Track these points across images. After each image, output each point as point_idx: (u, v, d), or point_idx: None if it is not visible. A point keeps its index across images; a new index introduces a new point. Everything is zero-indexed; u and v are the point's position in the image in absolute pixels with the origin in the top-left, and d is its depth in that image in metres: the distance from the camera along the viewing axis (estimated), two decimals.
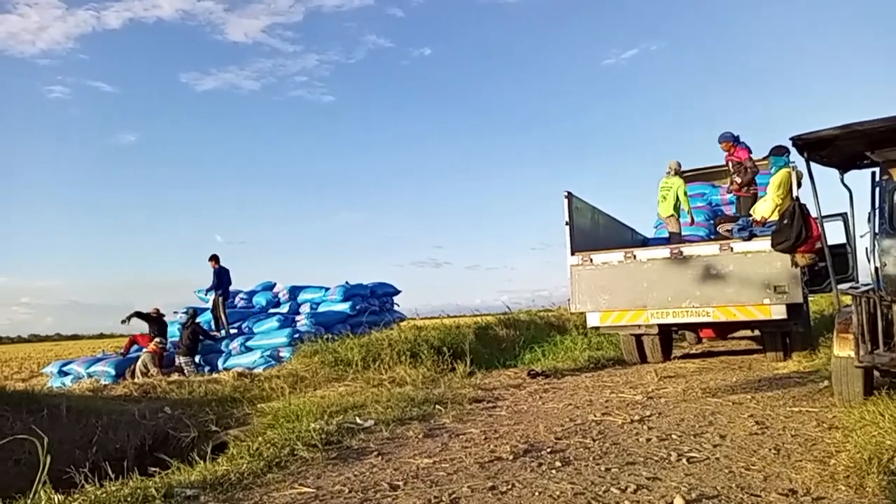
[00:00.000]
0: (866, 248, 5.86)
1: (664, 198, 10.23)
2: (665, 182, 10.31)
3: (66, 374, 12.42)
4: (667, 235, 10.70)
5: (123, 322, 12.66)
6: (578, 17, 70.74)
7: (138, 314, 12.74)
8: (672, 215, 10.17)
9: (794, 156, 7.55)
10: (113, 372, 11.48)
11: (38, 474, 3.54)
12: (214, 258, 13.09)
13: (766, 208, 8.50)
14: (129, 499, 3.44)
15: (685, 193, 10.21)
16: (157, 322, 12.80)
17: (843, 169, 5.85)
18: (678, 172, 10.39)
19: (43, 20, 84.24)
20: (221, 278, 12.98)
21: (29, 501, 3.35)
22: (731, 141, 9.82)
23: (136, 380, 10.22)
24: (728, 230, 8.85)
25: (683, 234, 10.44)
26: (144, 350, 11.58)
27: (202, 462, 4.38)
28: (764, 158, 8.91)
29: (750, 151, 9.73)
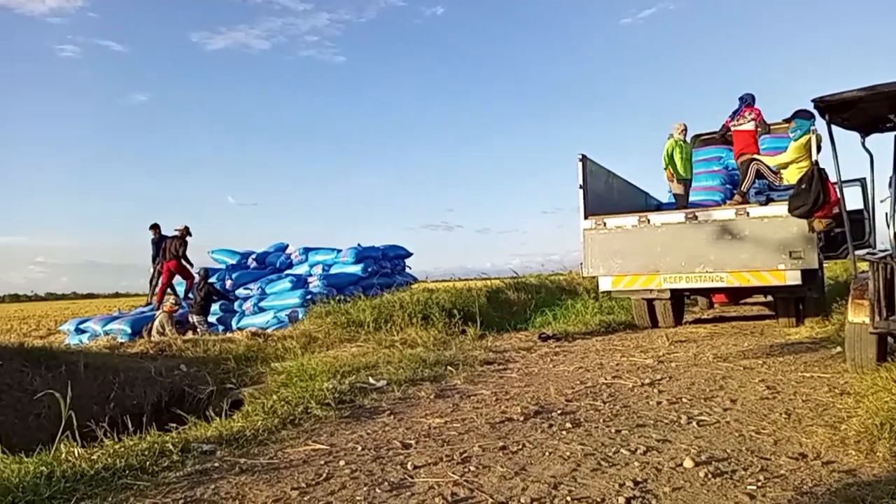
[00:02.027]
0: (886, 214, 5.77)
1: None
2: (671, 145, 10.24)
3: (82, 331, 12.65)
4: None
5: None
6: None
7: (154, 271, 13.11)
8: (682, 179, 10.06)
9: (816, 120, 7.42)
10: (129, 330, 11.69)
11: (60, 428, 3.63)
12: (155, 227, 13.56)
13: (781, 159, 8.46)
14: (147, 452, 3.51)
15: (683, 154, 10.13)
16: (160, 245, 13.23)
17: (865, 132, 5.72)
18: (683, 133, 10.35)
19: None
20: (158, 247, 13.32)
21: (51, 454, 3.43)
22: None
23: (152, 338, 10.39)
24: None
25: (699, 199, 10.31)
26: (161, 310, 11.74)
27: (218, 418, 4.46)
28: (786, 121, 8.72)
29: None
